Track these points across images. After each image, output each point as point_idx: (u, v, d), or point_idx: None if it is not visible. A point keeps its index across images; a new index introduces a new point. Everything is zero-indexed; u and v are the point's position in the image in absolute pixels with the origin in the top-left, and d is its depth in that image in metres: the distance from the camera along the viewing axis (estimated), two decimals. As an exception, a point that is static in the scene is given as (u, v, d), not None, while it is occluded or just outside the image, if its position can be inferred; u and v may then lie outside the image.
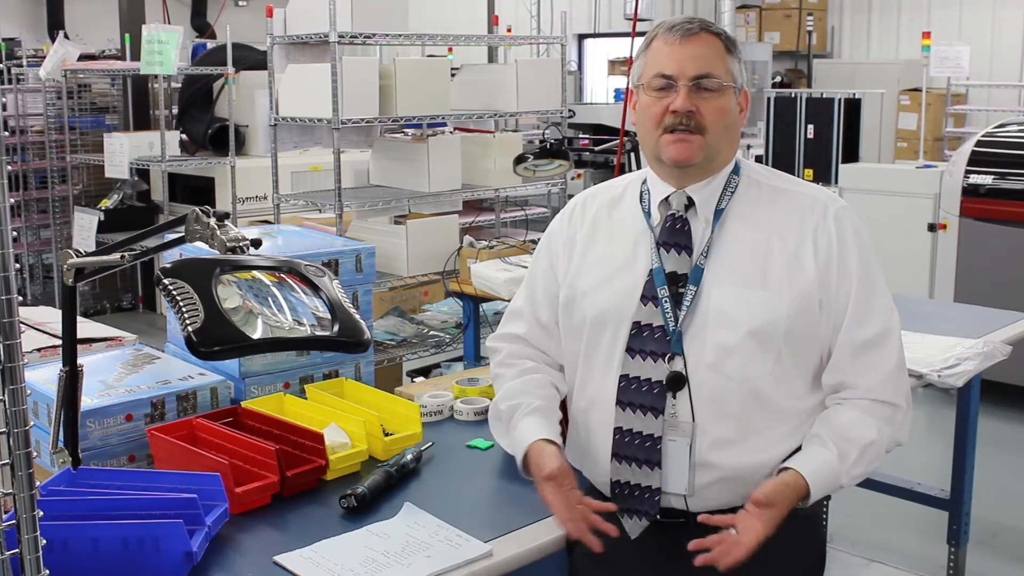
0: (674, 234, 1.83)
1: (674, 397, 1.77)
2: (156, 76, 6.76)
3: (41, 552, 1.18)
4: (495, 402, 1.99)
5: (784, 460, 1.79)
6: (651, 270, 1.81)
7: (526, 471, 1.86)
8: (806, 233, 1.79)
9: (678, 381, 1.76)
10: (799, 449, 1.81)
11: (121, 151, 6.83)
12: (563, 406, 2.00)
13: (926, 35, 6.83)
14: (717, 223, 1.82)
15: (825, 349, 1.81)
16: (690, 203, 1.84)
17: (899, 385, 1.82)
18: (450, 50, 9.29)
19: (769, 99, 8.06)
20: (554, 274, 1.96)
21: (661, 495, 1.78)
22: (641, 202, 1.90)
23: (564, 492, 1.77)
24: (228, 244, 1.64)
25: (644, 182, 1.92)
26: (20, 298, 1.15)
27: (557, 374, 1.98)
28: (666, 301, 1.78)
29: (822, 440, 1.77)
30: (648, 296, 1.80)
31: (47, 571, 1.20)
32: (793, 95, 7.98)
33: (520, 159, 4.32)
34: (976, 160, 5.38)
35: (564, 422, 1.97)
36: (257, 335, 1.66)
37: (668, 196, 1.85)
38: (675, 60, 1.79)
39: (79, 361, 1.79)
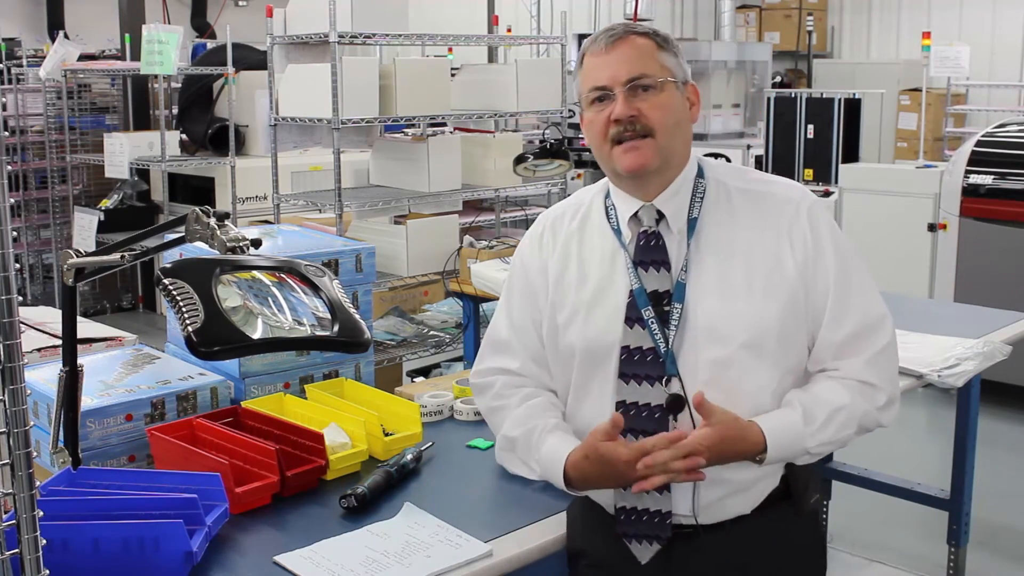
0: (649, 251, 1.77)
1: (675, 419, 1.73)
2: (156, 76, 6.76)
3: (41, 552, 1.18)
4: (503, 434, 1.91)
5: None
6: (631, 291, 1.76)
7: (569, 485, 1.79)
8: (782, 234, 1.75)
9: (678, 403, 1.72)
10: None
11: (121, 151, 6.83)
12: None
13: (926, 35, 6.83)
14: (692, 235, 1.77)
15: (808, 343, 1.79)
16: (660, 216, 1.79)
17: (881, 369, 1.77)
18: (450, 50, 9.29)
19: (769, 99, 8.05)
20: (534, 300, 1.90)
21: (672, 516, 1.75)
22: (608, 219, 1.84)
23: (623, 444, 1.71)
24: (228, 244, 1.64)
25: (607, 196, 1.86)
26: (20, 298, 1.15)
27: (555, 398, 1.92)
28: (653, 322, 1.73)
29: (790, 403, 1.74)
30: (633, 318, 1.75)
31: (47, 571, 1.20)
32: (793, 95, 7.97)
33: (520, 159, 4.32)
34: (976, 160, 5.38)
35: None
36: (257, 335, 1.66)
37: (637, 211, 1.80)
38: (605, 69, 1.75)
39: (79, 361, 1.79)
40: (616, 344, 1.76)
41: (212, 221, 1.67)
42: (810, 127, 7.77)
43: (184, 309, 1.60)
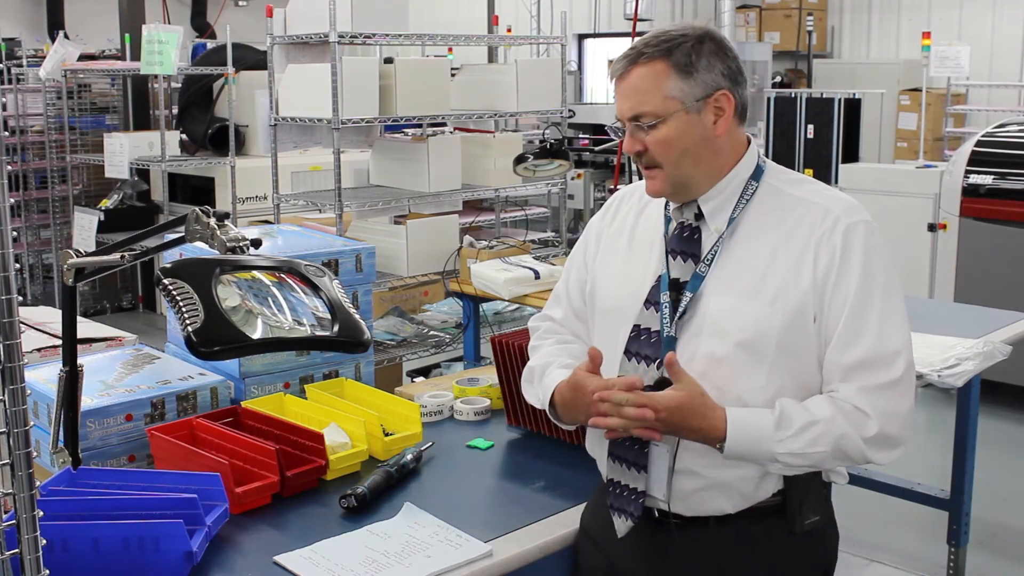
0: (682, 242, 1.81)
1: None
2: (156, 76, 6.76)
3: (41, 552, 1.18)
4: (529, 365, 2.01)
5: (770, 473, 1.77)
6: (659, 276, 1.81)
7: (553, 410, 1.88)
8: (809, 244, 1.74)
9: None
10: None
11: (121, 151, 6.83)
12: None
13: (926, 35, 6.83)
14: (728, 232, 1.79)
15: (820, 361, 1.76)
16: (701, 213, 1.82)
17: (878, 401, 1.70)
18: (450, 50, 9.29)
19: (769, 99, 8.07)
20: (584, 263, 2.00)
21: (646, 498, 1.78)
22: (666, 208, 1.88)
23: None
24: (228, 244, 1.64)
25: None
26: (20, 298, 1.15)
27: None
28: (666, 307, 1.77)
29: (772, 407, 1.72)
30: (651, 301, 1.80)
31: (47, 571, 1.20)
32: (793, 95, 7.98)
33: (520, 159, 4.32)
34: (976, 160, 5.38)
35: None
36: (257, 335, 1.66)
37: (681, 204, 1.84)
38: (618, 100, 1.79)
39: (79, 361, 1.79)
40: (630, 321, 1.82)
41: (212, 221, 1.67)
42: (810, 127, 7.78)
43: (184, 309, 1.60)
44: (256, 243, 1.65)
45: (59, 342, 2.25)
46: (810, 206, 1.78)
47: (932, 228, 5.76)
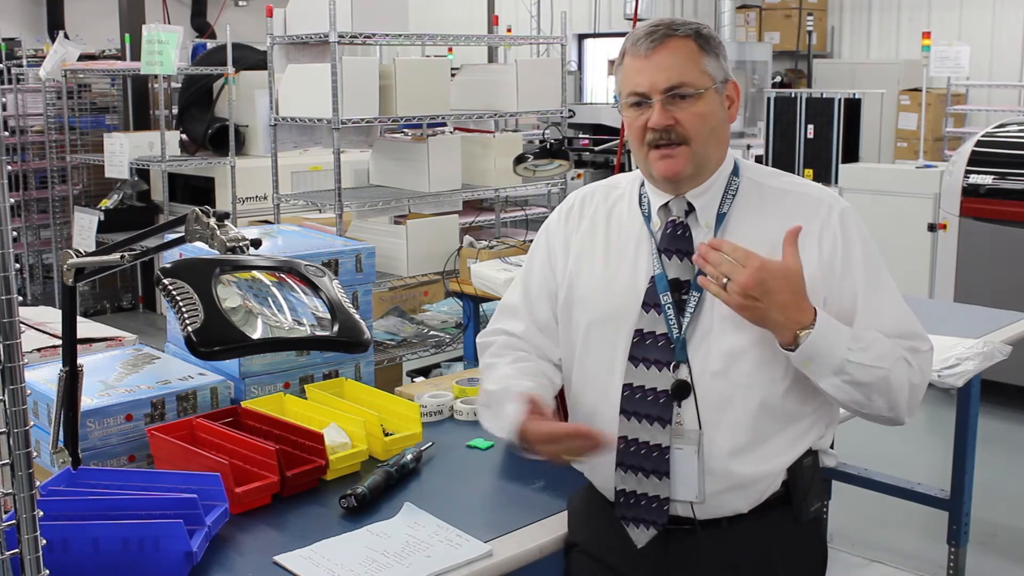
0: (675, 240, 1.80)
1: (679, 406, 1.74)
2: (156, 76, 6.76)
3: (41, 552, 1.18)
4: (484, 387, 1.94)
5: (791, 466, 1.77)
6: (653, 277, 1.78)
7: (523, 448, 1.82)
8: (810, 234, 1.75)
9: (683, 390, 1.73)
10: (807, 453, 1.79)
11: (121, 151, 6.83)
12: (561, 400, 1.98)
13: (926, 35, 6.84)
14: (719, 228, 1.79)
15: None
16: (690, 208, 1.81)
17: (918, 361, 1.75)
18: (450, 50, 9.29)
19: (769, 99, 8.06)
20: (552, 271, 1.94)
21: (670, 504, 1.76)
22: (640, 205, 1.86)
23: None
24: (228, 244, 1.64)
25: (642, 184, 1.89)
26: (20, 298, 1.15)
27: (552, 368, 1.95)
28: (669, 308, 1.75)
29: (789, 400, 1.75)
30: (651, 303, 1.77)
31: (47, 571, 1.20)
32: (793, 95, 7.98)
33: (520, 159, 4.32)
34: (976, 160, 5.39)
35: (563, 416, 1.97)
36: (257, 335, 1.66)
37: (668, 202, 1.82)
38: (645, 75, 1.75)
39: (79, 361, 1.79)
40: (629, 326, 1.78)
41: (212, 221, 1.67)
42: (810, 127, 7.78)
43: (184, 309, 1.60)
44: (256, 243, 1.65)
45: (59, 342, 2.25)
46: (799, 196, 1.81)
47: (932, 228, 5.76)
